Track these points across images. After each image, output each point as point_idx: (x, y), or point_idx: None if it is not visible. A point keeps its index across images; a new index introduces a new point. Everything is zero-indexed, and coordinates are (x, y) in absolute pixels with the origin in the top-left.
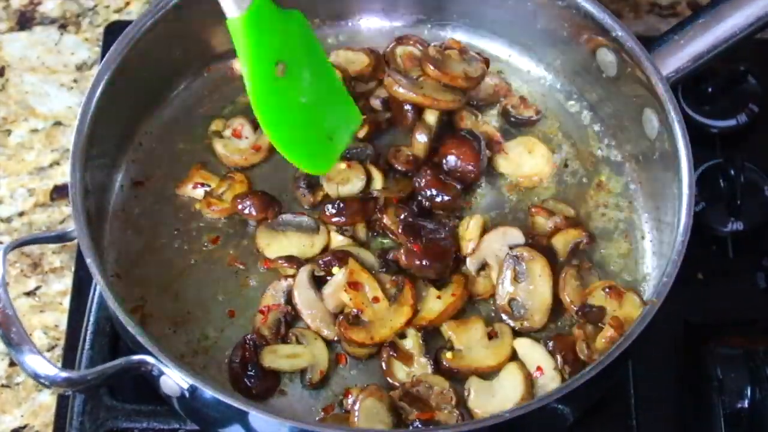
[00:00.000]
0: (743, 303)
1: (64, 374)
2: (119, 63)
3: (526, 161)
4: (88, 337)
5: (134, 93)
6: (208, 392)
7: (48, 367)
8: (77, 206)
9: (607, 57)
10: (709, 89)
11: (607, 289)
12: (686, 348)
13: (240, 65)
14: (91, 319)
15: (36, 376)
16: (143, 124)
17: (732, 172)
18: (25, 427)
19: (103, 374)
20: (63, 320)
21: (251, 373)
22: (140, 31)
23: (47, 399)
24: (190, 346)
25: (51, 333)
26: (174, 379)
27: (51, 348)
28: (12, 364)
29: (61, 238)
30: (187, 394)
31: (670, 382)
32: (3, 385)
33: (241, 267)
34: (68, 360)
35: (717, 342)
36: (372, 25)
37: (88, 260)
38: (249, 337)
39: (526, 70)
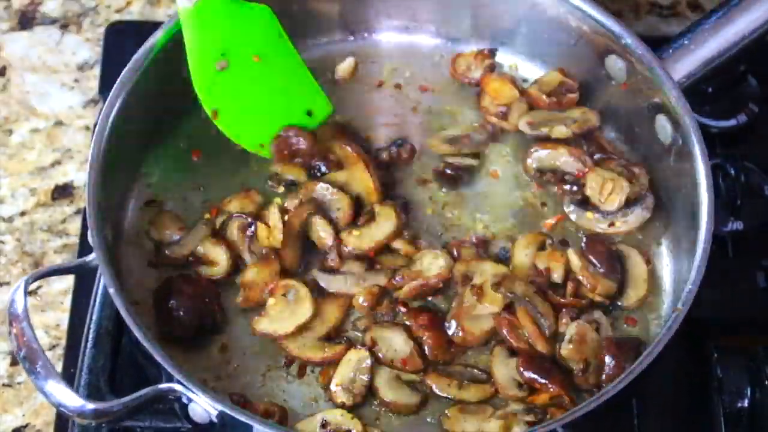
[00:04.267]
0: (743, 303)
1: (91, 406)
2: (129, 90)
3: None
4: (90, 336)
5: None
6: (239, 418)
7: (74, 398)
8: (97, 236)
9: (616, 64)
10: (709, 89)
11: None
12: (686, 348)
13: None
14: (94, 317)
15: (61, 407)
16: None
17: (732, 172)
18: (26, 426)
19: (131, 405)
20: (64, 319)
21: None
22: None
23: None
24: (213, 372)
25: (52, 332)
26: (203, 406)
27: (52, 347)
28: (13, 363)
29: (82, 267)
30: (216, 421)
31: (670, 382)
32: (4, 385)
33: None
34: (69, 359)
35: (717, 342)
36: (391, 39)
37: (111, 290)
38: None
39: (533, 79)
